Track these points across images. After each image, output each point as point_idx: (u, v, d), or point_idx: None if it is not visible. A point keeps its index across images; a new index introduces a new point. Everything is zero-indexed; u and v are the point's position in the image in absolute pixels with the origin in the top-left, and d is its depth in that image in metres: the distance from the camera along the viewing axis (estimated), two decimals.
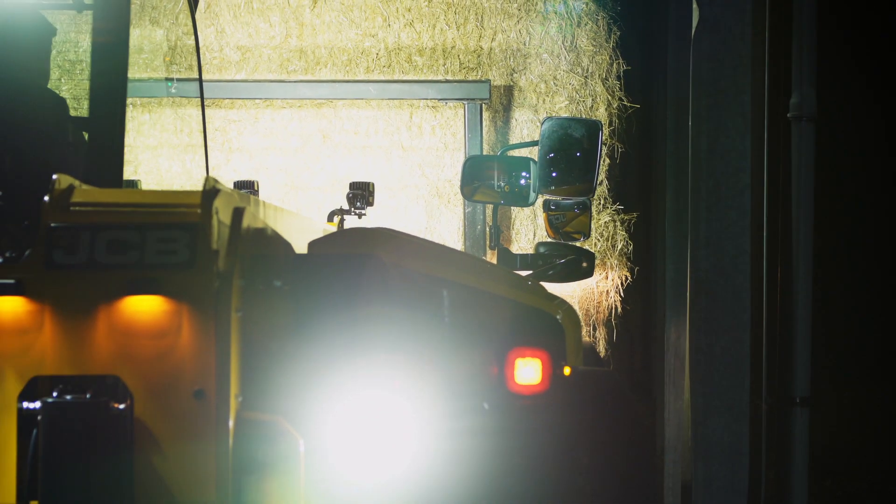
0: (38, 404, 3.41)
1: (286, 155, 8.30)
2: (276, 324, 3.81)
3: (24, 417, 3.44)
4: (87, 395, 3.41)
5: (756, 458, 6.59)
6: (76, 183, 3.57)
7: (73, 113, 5.11)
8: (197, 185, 7.58)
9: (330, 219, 5.94)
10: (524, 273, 5.25)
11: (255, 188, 5.93)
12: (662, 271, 8.98)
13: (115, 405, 3.42)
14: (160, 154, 7.96)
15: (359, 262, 3.98)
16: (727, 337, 6.53)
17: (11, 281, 3.42)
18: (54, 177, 3.53)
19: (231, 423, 3.46)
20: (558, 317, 4.02)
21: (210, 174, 6.32)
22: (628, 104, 8.36)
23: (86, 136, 4.81)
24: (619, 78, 8.34)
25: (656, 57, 9.08)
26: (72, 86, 7.41)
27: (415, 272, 4.04)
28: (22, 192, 3.66)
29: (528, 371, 3.85)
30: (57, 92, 5.43)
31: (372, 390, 3.74)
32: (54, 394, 3.43)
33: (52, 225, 3.46)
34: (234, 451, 3.48)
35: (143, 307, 3.47)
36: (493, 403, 3.87)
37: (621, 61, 8.32)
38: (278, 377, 3.71)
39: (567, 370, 3.81)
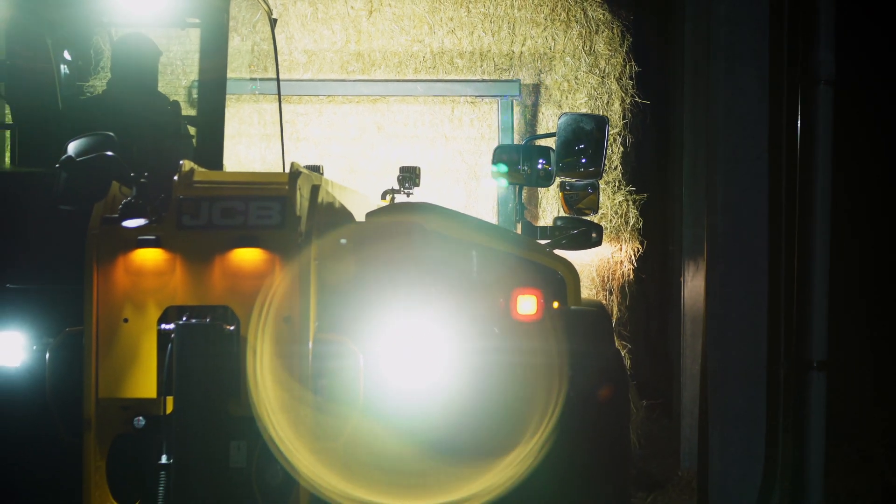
0: (172, 326, 4.09)
1: (346, 143, 8.52)
2: (343, 270, 4.40)
3: (162, 336, 4.12)
4: (207, 320, 4.09)
5: (772, 422, 6.17)
6: (195, 166, 4.30)
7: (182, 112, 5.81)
8: (272, 167, 8.17)
9: (383, 197, 6.29)
10: (543, 242, 5.58)
11: (321, 172, 6.25)
12: (679, 238, 8.83)
13: (227, 327, 4.10)
14: (238, 142, 8.27)
15: (406, 228, 4.57)
16: (744, 302, 6.14)
17: (153, 237, 4.11)
18: (181, 162, 4.23)
19: (310, 342, 4.13)
20: (558, 271, 4.64)
21: (285, 160, 6.94)
22: (640, 100, 8.53)
23: (192, 130, 5.55)
24: (631, 78, 8.51)
25: (673, 24, 9.06)
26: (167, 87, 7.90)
27: (448, 236, 4.62)
28: (157, 173, 4.28)
29: (527, 305, 4.47)
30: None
31: (414, 319, 4.35)
32: (183, 319, 4.10)
33: (181, 197, 4.16)
34: (312, 361, 4.13)
35: (247, 256, 4.14)
36: (501, 328, 4.50)
37: (633, 63, 8.51)
38: (345, 308, 4.34)
39: (556, 304, 4.47)
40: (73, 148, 4.21)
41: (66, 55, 6.16)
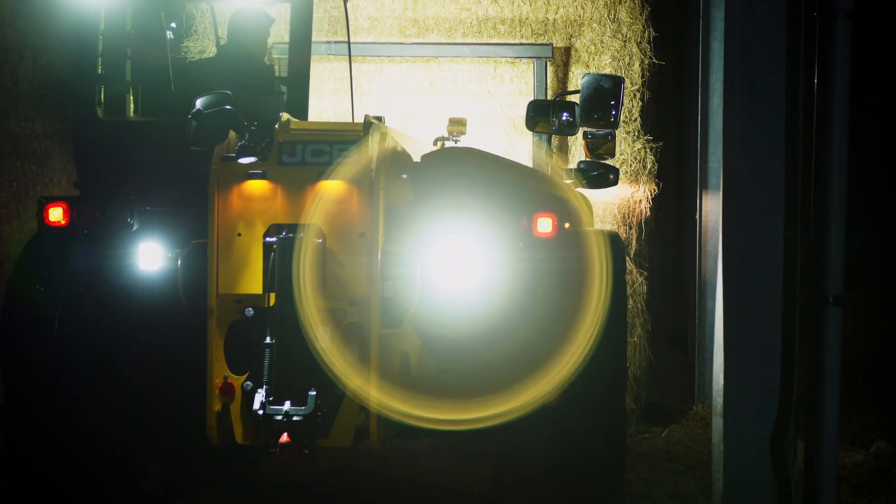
0: (274, 239, 4.85)
1: (403, 97, 8.92)
2: (404, 198, 5.19)
3: (266, 246, 4.87)
4: (301, 234, 4.84)
5: (788, 356, 5.85)
6: (291, 117, 5.08)
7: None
8: (340, 118, 8.74)
9: (435, 143, 6.65)
10: (569, 181, 5.98)
11: (383, 121, 7.14)
12: (695, 174, 9.14)
13: (317, 240, 4.87)
14: (311, 95, 8.98)
15: (454, 169, 5.36)
16: (761, 236, 5.83)
17: (260, 171, 4.90)
18: (280, 114, 5.01)
19: (379, 253, 4.89)
20: (570, 199, 5.39)
21: (354, 112, 7.68)
22: (656, 61, 8.90)
23: (284, 88, 6.30)
24: (650, 42, 8.85)
25: None
26: None
27: (488, 175, 5.37)
28: (262, 122, 5.01)
29: (545, 224, 5.24)
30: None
31: (458, 236, 5.11)
32: (283, 233, 4.86)
33: (281, 140, 4.95)
34: (381, 268, 4.88)
35: (332, 186, 4.88)
36: (524, 243, 5.25)
37: (651, 30, 8.85)
38: (405, 227, 5.08)
39: (567, 225, 5.24)
40: (200, 103, 4.97)
41: (173, 24, 6.94)
